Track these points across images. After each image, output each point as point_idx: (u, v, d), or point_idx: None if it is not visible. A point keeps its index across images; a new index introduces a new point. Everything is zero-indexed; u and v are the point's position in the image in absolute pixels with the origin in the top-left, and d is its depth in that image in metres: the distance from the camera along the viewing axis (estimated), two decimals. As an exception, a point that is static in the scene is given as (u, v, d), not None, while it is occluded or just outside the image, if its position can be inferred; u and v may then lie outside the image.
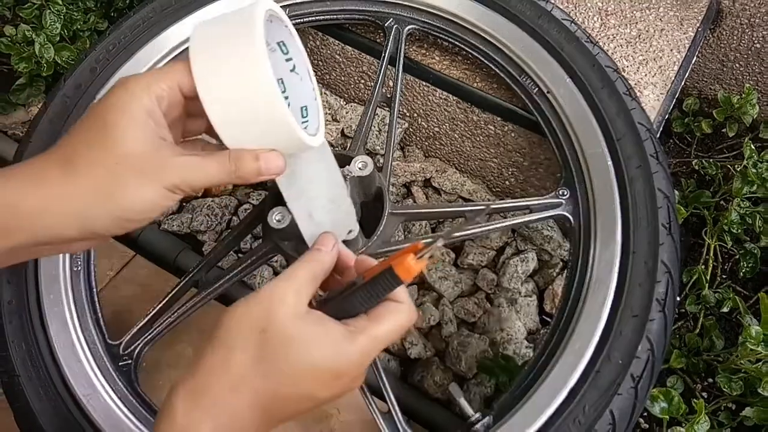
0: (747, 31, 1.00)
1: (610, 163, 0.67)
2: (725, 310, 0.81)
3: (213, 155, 0.44)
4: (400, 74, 0.78)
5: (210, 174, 0.44)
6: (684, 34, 0.91)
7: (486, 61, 0.78)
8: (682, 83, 0.90)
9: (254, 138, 0.44)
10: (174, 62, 0.46)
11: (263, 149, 0.45)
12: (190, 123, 0.48)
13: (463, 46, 0.79)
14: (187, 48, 0.74)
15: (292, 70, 0.49)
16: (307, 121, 0.49)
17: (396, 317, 0.45)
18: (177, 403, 0.41)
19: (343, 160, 0.66)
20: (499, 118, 0.85)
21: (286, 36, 0.48)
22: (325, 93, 1.00)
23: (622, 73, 0.73)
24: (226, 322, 0.43)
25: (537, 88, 0.74)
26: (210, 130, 0.47)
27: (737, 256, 0.88)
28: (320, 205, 0.56)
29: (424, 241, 0.46)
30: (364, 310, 0.45)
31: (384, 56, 0.79)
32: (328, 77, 1.00)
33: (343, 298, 0.46)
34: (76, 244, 0.46)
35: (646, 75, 0.85)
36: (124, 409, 0.62)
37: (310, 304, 0.45)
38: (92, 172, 0.42)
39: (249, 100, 0.42)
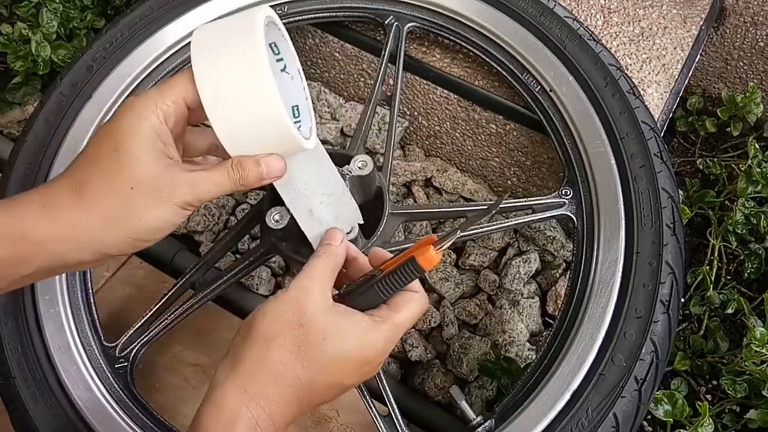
0: (751, 29, 0.99)
1: (613, 162, 0.66)
2: (730, 311, 0.81)
3: (217, 167, 0.46)
4: (400, 72, 0.77)
5: (218, 185, 0.46)
6: (687, 32, 0.90)
7: (487, 59, 0.77)
8: (686, 82, 0.90)
9: (255, 144, 0.46)
10: (177, 75, 0.46)
11: (263, 154, 0.46)
12: (193, 140, 0.50)
13: (464, 43, 0.79)
14: (183, 47, 0.76)
15: (282, 70, 0.50)
16: (299, 121, 0.50)
17: (413, 306, 0.49)
18: (225, 393, 0.43)
19: (343, 160, 0.65)
20: (500, 117, 0.85)
21: (277, 37, 0.49)
22: (324, 91, 1.00)
23: (626, 71, 0.72)
24: (260, 320, 0.46)
25: (539, 87, 0.73)
26: (211, 151, 0.51)
27: (742, 257, 0.87)
28: (318, 201, 0.57)
29: (440, 234, 0.49)
30: (384, 300, 0.49)
31: (384, 54, 0.78)
32: (327, 75, 0.99)
33: (364, 290, 0.48)
34: (88, 264, 0.47)
35: (649, 73, 0.85)
36: (120, 412, 0.62)
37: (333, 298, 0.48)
38: (105, 199, 0.43)
39: (253, 111, 0.43)
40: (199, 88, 0.43)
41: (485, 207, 0.70)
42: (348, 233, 0.61)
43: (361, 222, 0.62)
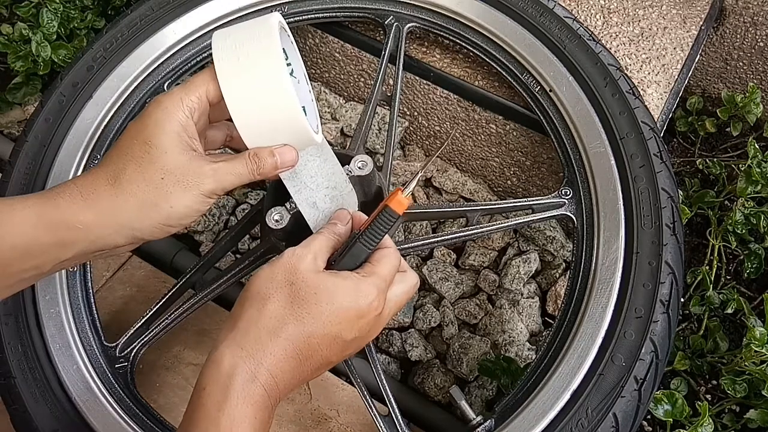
0: (750, 29, 0.99)
1: (613, 162, 0.66)
2: (729, 311, 0.81)
3: (236, 157, 0.51)
4: (400, 72, 0.77)
5: (237, 175, 0.51)
6: (687, 32, 0.90)
7: (487, 59, 0.77)
8: (686, 82, 0.89)
9: (271, 138, 0.51)
10: (200, 74, 0.51)
11: (277, 145, 0.51)
12: (212, 134, 0.55)
13: (464, 43, 0.79)
14: (184, 47, 0.78)
15: (291, 74, 0.54)
16: (307, 120, 0.54)
17: (389, 259, 0.52)
18: (222, 351, 0.45)
19: (343, 159, 0.65)
20: (500, 117, 0.85)
21: (287, 43, 0.54)
22: (324, 91, 1.00)
23: (625, 72, 0.72)
24: (255, 283, 0.49)
25: (539, 87, 0.73)
26: (227, 143, 0.56)
27: (742, 257, 0.87)
28: (323, 194, 0.60)
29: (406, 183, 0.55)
30: (366, 257, 0.52)
31: (384, 54, 0.78)
32: (327, 75, 0.99)
33: (349, 247, 0.52)
34: (121, 249, 0.51)
35: (649, 73, 0.85)
36: (121, 412, 0.62)
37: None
38: (139, 187, 0.48)
39: (271, 106, 0.49)
40: (223, 91, 0.48)
41: (485, 207, 0.71)
42: None
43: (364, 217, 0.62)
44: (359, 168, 0.65)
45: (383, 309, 0.51)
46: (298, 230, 0.64)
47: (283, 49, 0.52)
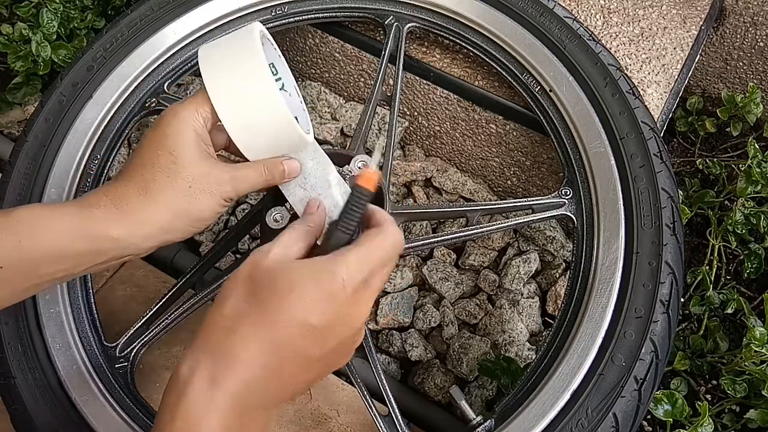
0: (750, 29, 0.99)
1: (613, 162, 0.66)
2: (729, 311, 0.81)
3: (251, 166, 0.55)
4: (400, 72, 0.77)
5: (251, 183, 0.54)
6: (687, 32, 0.90)
7: (487, 59, 0.77)
8: (686, 82, 0.89)
9: (269, 149, 0.55)
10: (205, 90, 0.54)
11: (285, 157, 0.56)
12: (214, 138, 0.56)
13: (464, 43, 0.79)
14: (184, 47, 0.78)
15: (281, 89, 0.57)
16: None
17: (379, 237, 0.47)
18: (182, 360, 0.43)
19: (343, 160, 0.65)
20: (500, 117, 0.85)
21: (275, 57, 0.57)
22: (324, 91, 1.00)
23: (625, 72, 0.72)
24: (221, 288, 0.47)
25: (539, 87, 0.73)
26: (226, 147, 0.58)
27: (741, 257, 0.87)
28: (317, 194, 0.60)
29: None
30: (347, 240, 0.48)
31: (384, 54, 0.78)
32: (327, 75, 0.99)
33: (328, 235, 0.49)
34: (152, 250, 0.53)
35: (649, 73, 0.85)
36: (121, 412, 0.62)
37: None
38: (170, 197, 0.51)
39: (266, 123, 0.52)
40: (217, 111, 0.51)
41: (485, 207, 0.71)
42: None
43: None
44: (359, 168, 0.65)
45: (358, 284, 0.44)
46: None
47: (272, 64, 0.56)
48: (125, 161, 0.63)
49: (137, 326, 0.66)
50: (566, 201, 0.68)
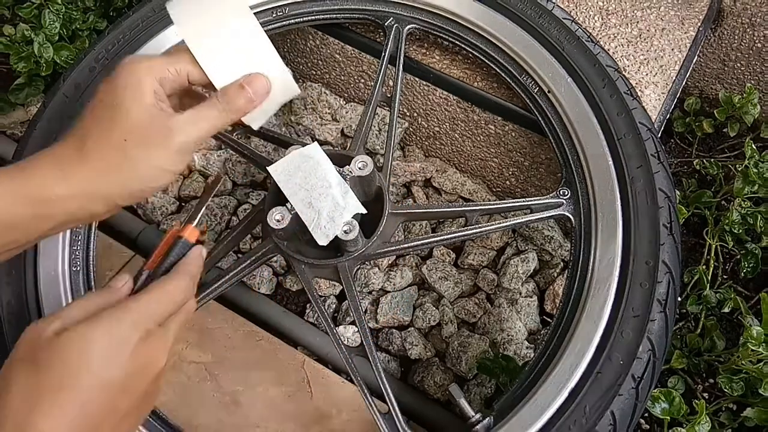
0: (748, 30, 1.00)
1: (611, 162, 0.67)
2: (726, 310, 0.81)
3: (203, 103, 0.48)
4: (400, 74, 0.78)
5: (208, 119, 0.48)
6: (685, 33, 0.91)
7: (486, 61, 0.78)
8: (684, 83, 0.90)
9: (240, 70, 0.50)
10: (181, 51, 0.49)
11: (242, 77, 0.49)
12: (187, 102, 0.51)
13: (463, 45, 0.79)
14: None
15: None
16: None
17: (171, 284, 0.46)
18: None
19: (343, 160, 0.66)
20: (499, 118, 0.85)
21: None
22: (324, 92, 1.00)
23: (623, 73, 0.72)
24: None
25: (538, 88, 0.74)
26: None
27: (738, 257, 0.88)
28: (318, 193, 0.61)
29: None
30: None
31: (384, 55, 0.78)
32: (327, 76, 0.99)
33: (134, 279, 0.48)
34: (102, 215, 0.49)
35: (647, 74, 0.85)
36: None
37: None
38: (102, 152, 0.45)
39: (244, 50, 0.49)
40: (191, 48, 0.47)
41: (484, 207, 0.71)
42: (348, 233, 0.62)
43: (363, 212, 0.63)
44: (360, 168, 0.65)
45: (150, 326, 0.43)
46: (299, 230, 0.64)
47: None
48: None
49: (140, 325, 0.67)
50: (564, 201, 0.68)
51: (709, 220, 0.89)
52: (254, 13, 0.81)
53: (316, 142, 0.63)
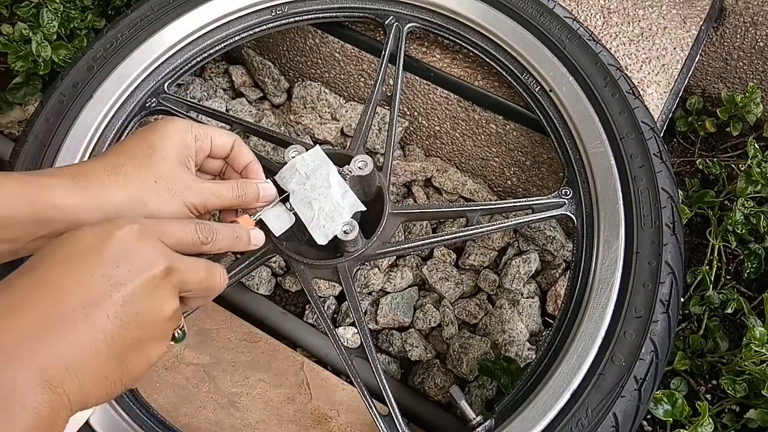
0: (750, 29, 0.99)
1: (613, 162, 0.66)
2: (729, 311, 0.81)
3: (225, 182, 0.56)
4: (400, 72, 0.77)
5: (220, 197, 0.55)
6: (687, 32, 0.90)
7: (487, 59, 0.77)
8: (686, 82, 0.90)
9: None
10: (226, 133, 0.58)
11: (262, 180, 0.59)
12: (206, 165, 0.59)
13: (464, 43, 0.79)
14: (183, 47, 0.82)
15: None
16: None
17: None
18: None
19: (343, 160, 0.65)
20: (500, 117, 0.85)
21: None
22: (324, 91, 1.00)
23: (625, 72, 0.72)
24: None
25: (539, 87, 0.73)
26: (221, 175, 0.61)
27: (741, 257, 0.87)
28: (317, 193, 0.61)
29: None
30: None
31: (384, 54, 0.78)
32: (327, 75, 0.99)
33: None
34: None
35: (649, 73, 0.85)
36: (121, 411, 0.61)
37: None
38: (134, 182, 0.51)
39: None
40: None
41: (485, 207, 0.71)
42: (348, 233, 0.62)
43: (363, 209, 0.63)
44: (359, 168, 0.65)
45: (149, 234, 0.45)
46: (299, 230, 0.64)
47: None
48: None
49: (137, 326, 0.66)
50: (566, 201, 0.68)
51: (712, 220, 0.89)
52: (253, 12, 0.82)
53: (318, 146, 0.64)
